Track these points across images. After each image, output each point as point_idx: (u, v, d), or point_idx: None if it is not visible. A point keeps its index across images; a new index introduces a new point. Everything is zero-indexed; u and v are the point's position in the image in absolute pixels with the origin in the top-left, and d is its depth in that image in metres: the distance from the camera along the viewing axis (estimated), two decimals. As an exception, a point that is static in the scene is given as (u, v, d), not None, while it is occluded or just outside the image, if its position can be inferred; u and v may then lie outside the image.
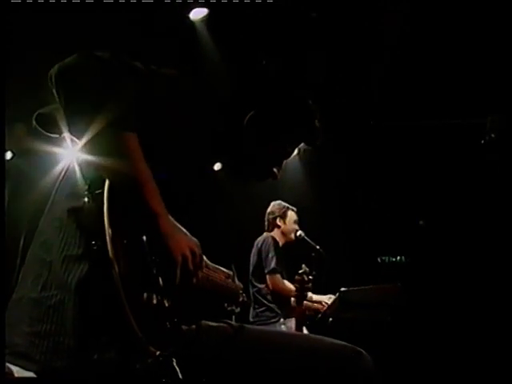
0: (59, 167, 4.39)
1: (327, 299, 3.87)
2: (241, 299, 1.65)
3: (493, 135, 1.66)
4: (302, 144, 1.58)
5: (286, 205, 4.22)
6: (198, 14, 4.10)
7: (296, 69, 4.08)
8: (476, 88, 3.96)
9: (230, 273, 1.59)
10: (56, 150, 4.25)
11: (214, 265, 1.50)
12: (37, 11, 3.26)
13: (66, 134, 1.16)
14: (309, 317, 3.69)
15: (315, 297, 3.89)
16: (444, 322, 3.93)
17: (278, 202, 4.25)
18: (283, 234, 4.13)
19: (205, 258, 1.44)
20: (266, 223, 4.22)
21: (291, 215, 4.16)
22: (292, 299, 3.47)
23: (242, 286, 1.67)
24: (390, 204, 5.33)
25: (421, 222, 5.10)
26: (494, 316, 3.57)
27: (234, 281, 1.62)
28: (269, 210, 4.24)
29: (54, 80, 1.12)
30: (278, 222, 4.16)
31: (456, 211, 4.51)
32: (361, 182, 5.56)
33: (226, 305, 1.57)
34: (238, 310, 1.61)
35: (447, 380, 3.51)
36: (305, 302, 3.52)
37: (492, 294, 3.65)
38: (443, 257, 4.45)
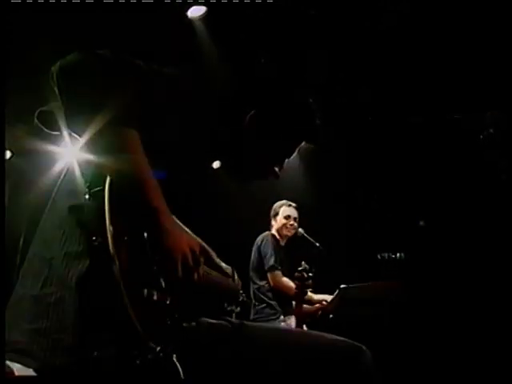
0: (59, 165, 4.40)
1: (328, 298, 3.87)
2: (241, 299, 1.66)
3: (491, 130, 1.66)
4: (303, 142, 1.59)
5: (283, 202, 4.23)
6: (196, 11, 4.09)
7: (296, 68, 4.08)
8: (475, 85, 3.96)
9: (230, 271, 1.60)
10: (56, 148, 4.26)
11: (220, 262, 1.51)
12: (37, 11, 3.27)
13: (67, 132, 1.16)
14: (309, 314, 3.69)
15: (316, 296, 3.89)
16: (444, 318, 3.93)
17: (280, 201, 4.27)
18: (277, 231, 4.15)
19: (214, 254, 1.45)
20: None
21: (283, 211, 4.18)
22: (293, 303, 3.48)
23: (240, 284, 1.68)
24: (389, 201, 5.34)
25: (421, 223, 5.10)
26: (493, 313, 3.57)
27: (234, 280, 1.62)
28: None
29: (55, 77, 1.12)
30: (272, 221, 4.24)
31: (455, 208, 4.51)
32: (361, 179, 5.56)
33: (225, 304, 1.57)
34: (237, 309, 1.62)
35: (447, 376, 3.51)
36: (307, 306, 3.54)
37: (491, 290, 3.65)
38: (443, 253, 4.45)
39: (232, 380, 1.32)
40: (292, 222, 4.13)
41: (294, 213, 4.17)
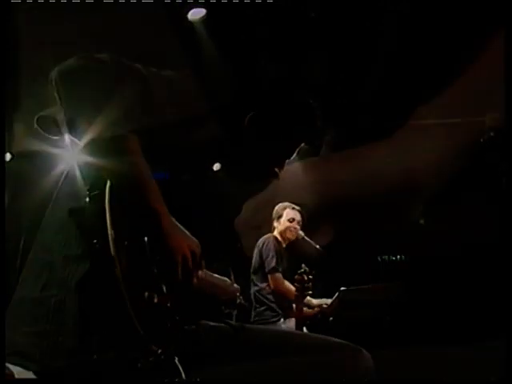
0: (60, 168, 4.40)
1: (328, 302, 3.86)
2: (238, 301, 1.66)
3: (492, 133, 1.66)
4: (303, 143, 1.59)
5: (287, 205, 4.21)
6: (196, 14, 4.08)
7: (296, 69, 4.08)
8: (474, 86, 3.96)
9: (227, 280, 1.60)
10: (56, 151, 4.25)
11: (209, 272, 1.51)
12: (37, 11, 3.26)
13: (67, 136, 1.16)
14: (309, 316, 3.70)
15: (315, 301, 3.88)
16: (443, 321, 3.93)
17: (282, 203, 4.25)
18: (280, 234, 4.13)
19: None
20: None
21: (286, 213, 4.14)
22: (293, 305, 3.47)
23: (239, 288, 1.68)
24: (390, 202, 5.33)
25: (421, 222, 5.10)
26: (492, 314, 3.57)
27: (232, 283, 1.62)
28: None
29: (54, 82, 1.13)
30: (275, 223, 4.19)
31: (455, 209, 4.51)
32: (361, 179, 5.56)
33: (223, 307, 1.57)
34: (235, 312, 1.62)
35: (446, 377, 3.51)
36: (306, 309, 3.53)
37: (491, 291, 3.66)
38: (443, 255, 4.45)
39: (232, 382, 1.32)
40: (296, 226, 4.10)
41: (297, 216, 4.12)
